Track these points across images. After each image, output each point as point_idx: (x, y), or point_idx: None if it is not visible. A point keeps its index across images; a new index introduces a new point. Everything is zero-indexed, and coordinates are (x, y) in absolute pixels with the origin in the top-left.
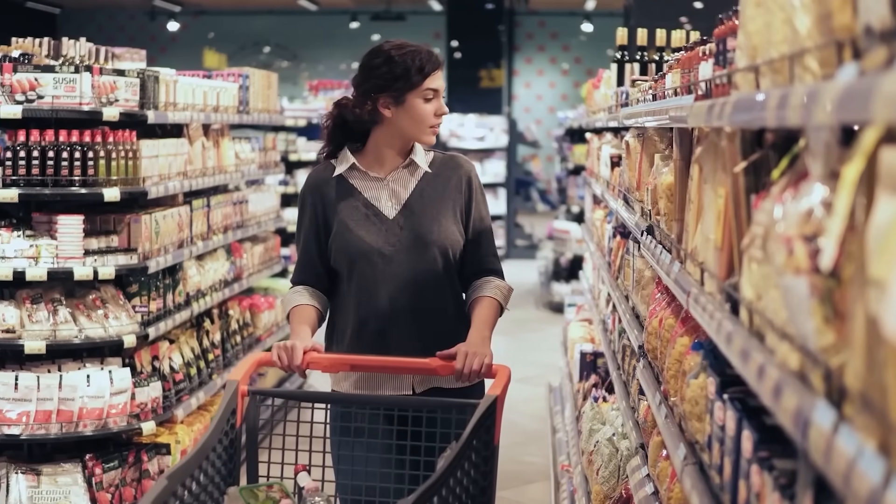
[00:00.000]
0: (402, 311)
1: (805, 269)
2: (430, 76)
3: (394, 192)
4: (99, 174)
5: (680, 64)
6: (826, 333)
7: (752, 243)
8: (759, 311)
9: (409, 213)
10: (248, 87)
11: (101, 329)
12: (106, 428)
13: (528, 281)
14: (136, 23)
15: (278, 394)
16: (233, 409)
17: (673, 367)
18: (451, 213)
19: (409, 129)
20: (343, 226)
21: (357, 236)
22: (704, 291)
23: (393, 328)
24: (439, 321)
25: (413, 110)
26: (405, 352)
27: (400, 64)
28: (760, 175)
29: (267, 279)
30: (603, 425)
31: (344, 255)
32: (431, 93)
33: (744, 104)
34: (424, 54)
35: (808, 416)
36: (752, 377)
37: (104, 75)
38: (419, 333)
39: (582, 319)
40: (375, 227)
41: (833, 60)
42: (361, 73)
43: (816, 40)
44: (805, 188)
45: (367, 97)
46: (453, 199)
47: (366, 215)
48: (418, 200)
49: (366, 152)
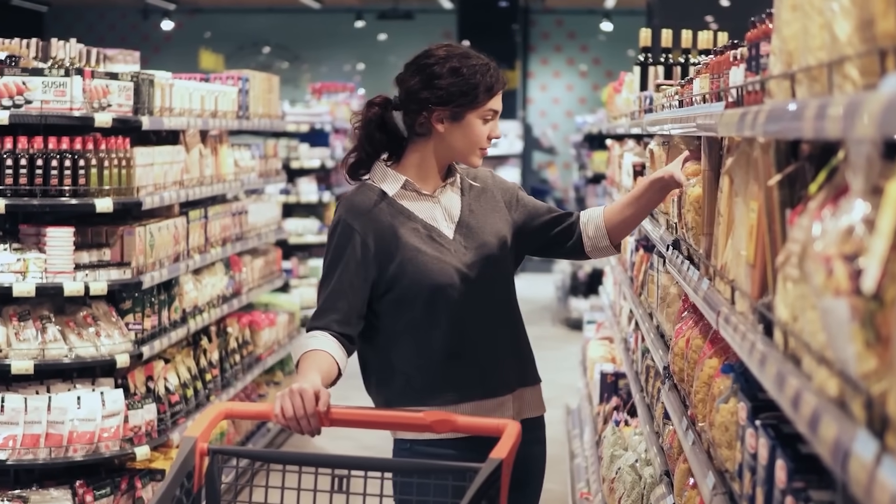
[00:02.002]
0: (496, 334)
1: (845, 291)
2: (495, 96)
3: (446, 210)
4: (90, 184)
5: (709, 68)
6: (868, 359)
7: (788, 261)
8: (796, 333)
9: (466, 232)
10: (248, 91)
11: (92, 348)
12: (97, 453)
13: (544, 296)
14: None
15: (245, 453)
16: (189, 470)
17: (701, 391)
18: (503, 224)
19: (461, 148)
20: (414, 251)
21: (435, 258)
22: (735, 311)
23: (493, 352)
24: (522, 337)
25: (469, 129)
26: (508, 377)
27: (468, 79)
28: (796, 188)
29: (268, 294)
30: (625, 451)
31: (424, 283)
32: (491, 113)
33: (779, 113)
34: (493, 71)
35: (848, 446)
36: (787, 404)
37: (96, 79)
38: (513, 352)
39: (602, 337)
40: (444, 248)
41: (875, 69)
42: (419, 79)
43: (857, 48)
44: (845, 204)
45: (422, 106)
46: (499, 210)
47: (429, 237)
48: (470, 217)
49: (408, 166)
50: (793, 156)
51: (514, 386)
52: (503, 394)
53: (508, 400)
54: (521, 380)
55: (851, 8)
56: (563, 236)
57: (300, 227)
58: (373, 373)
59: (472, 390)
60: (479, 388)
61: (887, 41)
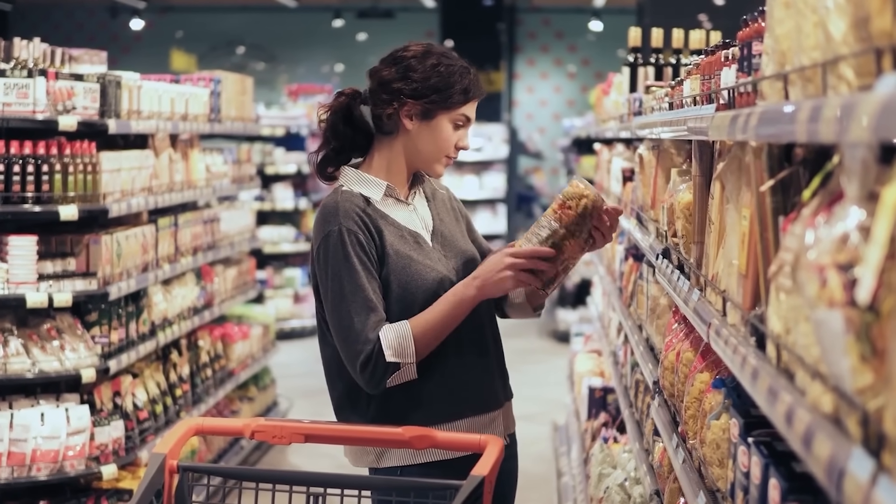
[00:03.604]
0: (486, 345)
1: (840, 302)
2: (470, 102)
3: (422, 219)
4: (54, 190)
5: (700, 69)
6: (863, 373)
7: (781, 271)
8: (788, 346)
9: (441, 239)
10: (220, 93)
11: (56, 362)
12: (62, 472)
13: None
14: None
15: (216, 471)
16: (158, 488)
17: (692, 406)
18: (465, 231)
19: (426, 151)
20: (405, 258)
21: (427, 266)
22: (727, 323)
23: (486, 365)
24: (501, 348)
25: (438, 132)
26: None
27: (445, 76)
28: (789, 194)
29: (241, 306)
30: (614, 469)
31: (418, 290)
32: (463, 119)
33: (771, 116)
34: (473, 77)
35: (843, 465)
36: (779, 420)
37: (60, 80)
38: (499, 364)
39: (590, 350)
40: (431, 254)
41: (871, 69)
42: (395, 69)
43: (852, 47)
44: (839, 211)
45: (393, 97)
46: (458, 217)
47: (417, 244)
48: (441, 225)
49: (374, 170)
50: (786, 160)
51: (503, 400)
52: (495, 409)
53: (499, 415)
54: (506, 393)
55: (846, 5)
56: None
57: (275, 235)
58: (352, 390)
59: (468, 406)
60: (475, 403)
61: (883, 40)
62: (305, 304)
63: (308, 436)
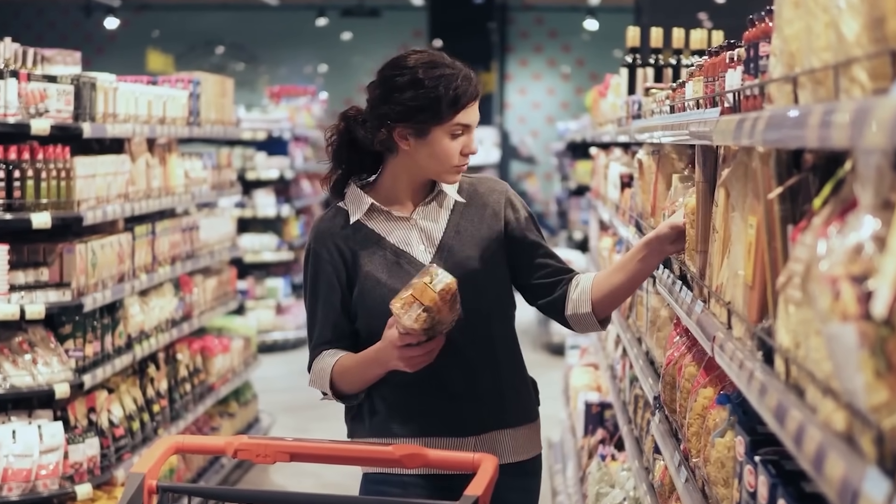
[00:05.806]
0: (465, 371)
1: (853, 315)
2: (463, 109)
3: (424, 232)
4: (26, 197)
5: (703, 71)
6: (878, 390)
7: (790, 282)
8: (798, 361)
9: (446, 256)
10: (199, 95)
11: (28, 377)
12: (34, 492)
13: (523, 318)
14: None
15: (196, 491)
16: None
17: (695, 423)
18: (494, 249)
19: (429, 166)
20: (372, 281)
21: (394, 291)
22: (732, 336)
23: (457, 391)
24: (507, 376)
25: (437, 147)
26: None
27: (429, 91)
28: (798, 202)
29: (221, 318)
30: (612, 488)
31: (378, 315)
32: (461, 129)
33: (780, 120)
34: (462, 81)
35: (856, 486)
36: (789, 438)
37: (32, 82)
38: (492, 391)
39: (586, 364)
40: (408, 276)
41: (886, 72)
42: (380, 91)
43: (866, 48)
44: (853, 220)
45: (381, 123)
46: (494, 230)
47: (396, 264)
48: (454, 238)
49: (381, 186)
50: (795, 167)
51: (489, 428)
52: (466, 434)
53: (471, 442)
54: (499, 422)
55: (860, 5)
56: (547, 288)
57: (257, 243)
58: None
59: (432, 427)
60: (439, 425)
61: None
62: (288, 315)
63: (293, 454)
